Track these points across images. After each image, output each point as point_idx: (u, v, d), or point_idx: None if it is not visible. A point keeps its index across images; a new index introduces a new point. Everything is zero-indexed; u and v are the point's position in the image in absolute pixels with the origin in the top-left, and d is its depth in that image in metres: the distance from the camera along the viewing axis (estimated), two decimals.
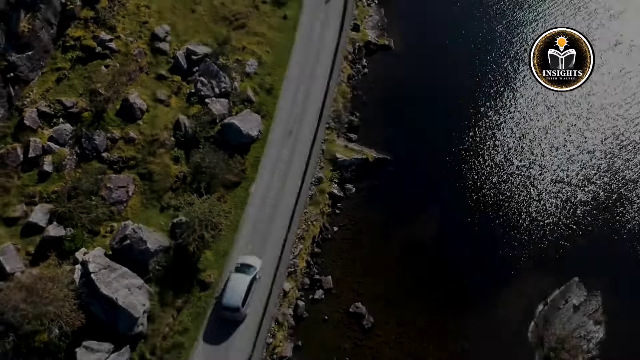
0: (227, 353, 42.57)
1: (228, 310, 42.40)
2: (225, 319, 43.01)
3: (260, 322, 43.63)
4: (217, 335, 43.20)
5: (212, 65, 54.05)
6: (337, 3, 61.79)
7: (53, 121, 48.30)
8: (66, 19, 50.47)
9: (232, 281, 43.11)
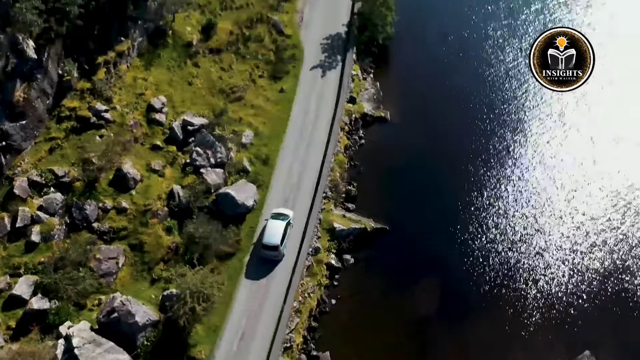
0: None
1: (268, 248, 47.67)
2: (265, 258, 47.92)
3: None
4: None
5: (208, 135, 53.80)
6: (333, 77, 62.68)
7: (44, 190, 47.27)
8: (62, 90, 50.51)
9: (270, 224, 48.34)
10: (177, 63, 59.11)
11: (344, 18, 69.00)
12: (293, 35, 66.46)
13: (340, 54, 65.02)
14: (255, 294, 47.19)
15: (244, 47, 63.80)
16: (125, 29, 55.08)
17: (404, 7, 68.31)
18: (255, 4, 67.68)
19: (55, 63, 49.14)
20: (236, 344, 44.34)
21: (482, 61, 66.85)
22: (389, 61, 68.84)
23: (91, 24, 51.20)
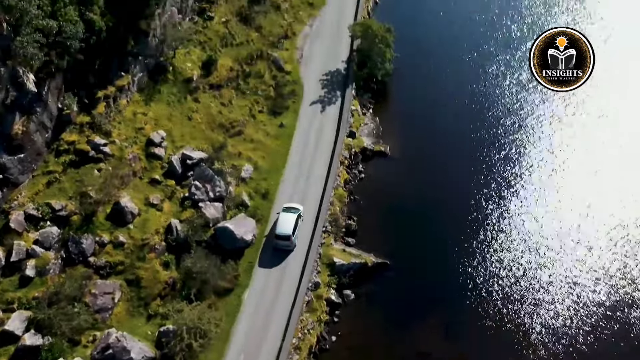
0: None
1: (281, 238, 50.02)
2: (278, 248, 50.20)
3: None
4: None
5: (207, 169, 53.51)
6: (332, 112, 62.89)
7: (40, 224, 46.58)
8: (62, 124, 50.31)
9: (282, 217, 50.71)
10: (177, 98, 59.29)
11: (343, 55, 69.74)
12: (293, 72, 67.08)
13: (340, 90, 65.44)
14: (254, 330, 46.10)
15: (244, 83, 64.28)
16: (125, 64, 55.28)
17: (402, 44, 68.98)
18: (256, 41, 68.51)
19: (55, 97, 49.07)
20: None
21: (480, 96, 67.29)
22: (388, 97, 69.15)
23: (92, 59, 51.31)
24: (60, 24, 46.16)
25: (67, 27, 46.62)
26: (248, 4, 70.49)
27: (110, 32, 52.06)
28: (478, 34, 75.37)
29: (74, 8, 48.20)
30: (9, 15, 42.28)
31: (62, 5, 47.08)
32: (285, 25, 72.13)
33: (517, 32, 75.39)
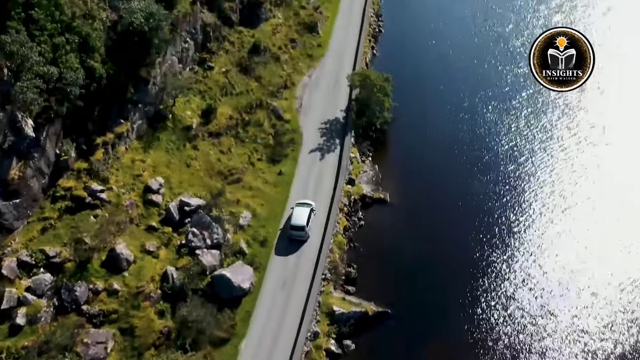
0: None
1: (296, 229, 53.61)
2: (293, 238, 53.68)
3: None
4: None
5: (205, 216, 52.86)
6: (331, 159, 62.76)
7: (33, 271, 45.55)
8: (59, 170, 49.98)
9: (296, 210, 54.74)
10: (176, 146, 59.26)
11: (342, 104, 70.31)
12: (292, 120, 67.42)
13: (339, 138, 65.56)
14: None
15: (243, 131, 64.46)
16: (125, 111, 55.46)
17: (401, 92, 69.76)
18: (255, 90, 69.12)
19: (54, 142, 48.90)
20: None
21: (479, 142, 67.56)
22: (387, 144, 69.26)
23: (91, 105, 51.49)
24: (61, 70, 46.53)
25: (68, 74, 46.95)
26: (248, 55, 71.50)
27: (111, 80, 52.52)
28: (476, 79, 76.63)
29: (75, 55, 48.73)
30: (10, 61, 42.61)
31: (64, 53, 47.56)
32: (285, 75, 73.03)
33: (513, 79, 76.81)
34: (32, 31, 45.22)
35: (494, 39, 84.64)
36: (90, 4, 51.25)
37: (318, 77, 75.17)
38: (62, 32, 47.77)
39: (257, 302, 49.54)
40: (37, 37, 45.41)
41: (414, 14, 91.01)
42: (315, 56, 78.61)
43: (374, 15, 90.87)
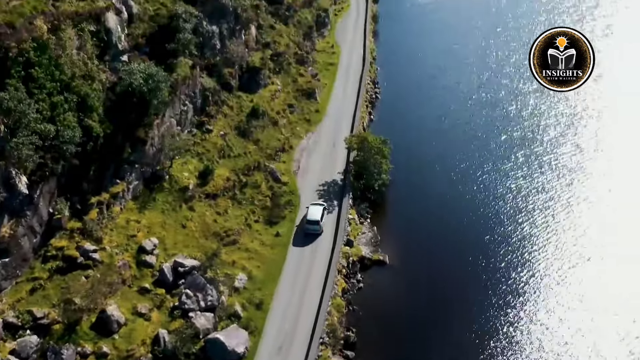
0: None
1: (312, 223, 60.02)
2: (309, 232, 59.93)
3: None
4: None
5: (199, 278, 51.48)
6: (329, 221, 61.90)
7: (19, 333, 43.70)
8: (51, 229, 48.94)
9: (311, 208, 61.70)
10: (172, 207, 58.50)
11: (339, 166, 70.35)
12: (290, 183, 67.20)
13: (337, 199, 65.04)
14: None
15: (240, 193, 64.01)
16: (121, 171, 55.02)
17: (398, 155, 70.16)
18: (253, 153, 69.23)
19: (47, 201, 48.16)
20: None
21: (478, 202, 67.36)
22: (386, 206, 68.86)
23: (87, 164, 51.06)
24: (58, 128, 46.44)
25: (65, 132, 46.86)
26: (246, 119, 72.13)
27: (108, 139, 52.46)
28: (471, 142, 77.74)
29: (73, 114, 48.83)
30: (7, 117, 42.52)
31: (62, 111, 47.66)
32: (283, 139, 73.49)
33: (507, 142, 77.98)
34: (31, 89, 45.42)
35: (487, 104, 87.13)
36: (90, 65, 51.76)
37: (316, 141, 75.70)
38: (61, 91, 48.03)
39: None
40: (36, 95, 45.57)
41: (410, 82, 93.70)
42: (313, 121, 79.57)
43: (371, 82, 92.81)
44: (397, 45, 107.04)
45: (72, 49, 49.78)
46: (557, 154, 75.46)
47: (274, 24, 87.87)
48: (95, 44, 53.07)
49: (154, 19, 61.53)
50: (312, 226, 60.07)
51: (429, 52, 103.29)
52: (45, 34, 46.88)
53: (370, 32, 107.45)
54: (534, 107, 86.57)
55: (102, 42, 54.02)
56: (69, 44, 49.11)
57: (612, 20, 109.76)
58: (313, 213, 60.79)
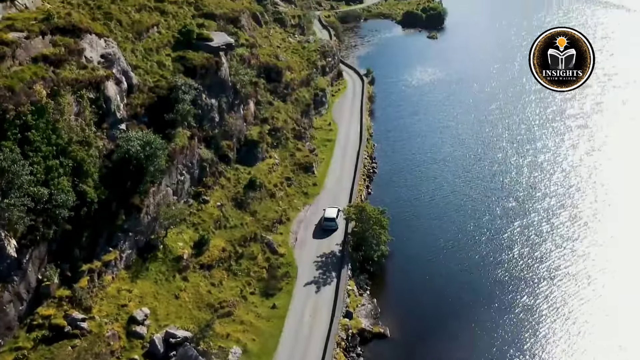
0: None
1: (329, 220, 70.43)
2: (326, 228, 70.12)
3: None
4: None
5: (191, 350, 49.17)
6: (328, 293, 60.25)
7: None
8: (39, 296, 46.91)
9: (328, 210, 72.09)
10: (166, 276, 56.79)
11: (338, 238, 69.28)
12: (287, 254, 65.97)
13: (335, 271, 63.54)
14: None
15: (236, 264, 62.62)
16: (114, 239, 53.72)
17: (397, 227, 69.68)
18: (250, 224, 68.25)
19: (36, 266, 46.52)
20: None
21: (478, 270, 66.24)
22: (386, 277, 67.23)
23: (80, 230, 49.86)
24: (51, 191, 45.65)
25: (58, 196, 46.00)
26: (244, 190, 71.64)
27: (102, 205, 51.50)
28: (467, 214, 77.88)
29: (68, 179, 48.18)
30: (0, 177, 41.83)
31: (56, 175, 47.02)
32: (280, 211, 72.83)
33: (503, 211, 77.97)
34: (27, 152, 44.97)
35: (482, 177, 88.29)
36: (87, 132, 51.64)
37: (314, 213, 75.01)
38: (56, 155, 47.59)
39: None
40: (31, 157, 45.06)
41: (407, 157, 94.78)
42: (311, 194, 79.29)
43: (368, 157, 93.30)
44: (394, 123, 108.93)
45: (71, 115, 49.84)
46: (553, 224, 75.16)
47: (272, 100, 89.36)
48: (93, 111, 53.22)
49: (153, 90, 62.24)
50: (329, 222, 70.45)
51: (425, 129, 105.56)
52: (44, 98, 46.99)
53: (366, 111, 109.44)
54: (528, 178, 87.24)
55: (101, 110, 54.21)
56: (68, 109, 49.20)
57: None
58: (330, 212, 71.35)
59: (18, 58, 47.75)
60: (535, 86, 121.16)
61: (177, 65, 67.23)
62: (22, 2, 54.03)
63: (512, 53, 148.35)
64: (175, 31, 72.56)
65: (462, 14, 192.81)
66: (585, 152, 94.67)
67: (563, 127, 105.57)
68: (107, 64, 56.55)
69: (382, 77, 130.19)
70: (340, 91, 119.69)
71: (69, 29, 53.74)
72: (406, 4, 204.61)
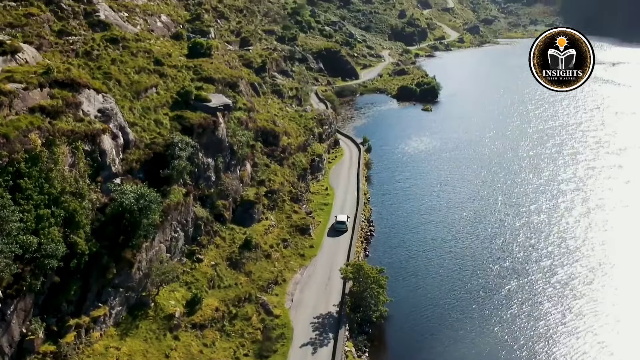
0: None
1: (340, 223, 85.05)
2: (338, 230, 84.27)
3: None
4: None
5: None
6: (324, 354, 58.05)
7: None
8: (21, 351, 44.51)
9: (339, 215, 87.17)
10: (156, 335, 54.50)
11: (335, 299, 67.52)
12: (282, 316, 64.05)
13: (332, 332, 61.46)
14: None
15: (229, 325, 60.63)
16: (104, 294, 51.94)
17: (395, 289, 68.89)
18: (245, 284, 66.60)
19: (21, 319, 44.50)
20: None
21: (476, 333, 64.21)
22: (385, 339, 65.02)
23: (68, 283, 48.19)
24: (41, 241, 44.47)
25: (48, 245, 44.77)
26: (239, 250, 70.31)
27: (93, 258, 50.12)
28: (465, 274, 76.68)
29: (59, 229, 47.10)
30: None
31: (47, 225, 45.98)
32: (276, 271, 71.33)
33: (499, 271, 77.17)
34: (18, 199, 44.19)
35: (477, 238, 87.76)
36: (81, 183, 50.91)
37: (310, 275, 73.44)
38: (48, 204, 46.72)
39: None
40: (22, 205, 44.25)
41: (404, 220, 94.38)
42: (308, 256, 77.94)
43: (366, 220, 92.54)
44: (390, 187, 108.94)
45: (65, 165, 49.37)
46: (550, 282, 74.35)
47: (269, 163, 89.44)
48: (88, 163, 52.79)
49: (149, 147, 62.13)
50: (340, 225, 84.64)
51: (421, 193, 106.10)
52: (39, 147, 46.68)
53: (363, 177, 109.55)
54: (524, 240, 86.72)
55: (96, 163, 53.80)
56: (62, 160, 48.77)
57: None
58: (341, 217, 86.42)
59: (15, 108, 47.83)
60: (529, 152, 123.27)
61: (175, 124, 67.53)
62: (22, 56, 54.76)
63: (505, 123, 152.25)
64: (173, 92, 73.41)
65: (456, 88, 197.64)
66: (580, 214, 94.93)
67: (556, 191, 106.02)
68: (104, 118, 56.72)
69: (379, 145, 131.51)
70: (337, 158, 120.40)
71: (67, 83, 54.20)
72: (401, 80, 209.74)
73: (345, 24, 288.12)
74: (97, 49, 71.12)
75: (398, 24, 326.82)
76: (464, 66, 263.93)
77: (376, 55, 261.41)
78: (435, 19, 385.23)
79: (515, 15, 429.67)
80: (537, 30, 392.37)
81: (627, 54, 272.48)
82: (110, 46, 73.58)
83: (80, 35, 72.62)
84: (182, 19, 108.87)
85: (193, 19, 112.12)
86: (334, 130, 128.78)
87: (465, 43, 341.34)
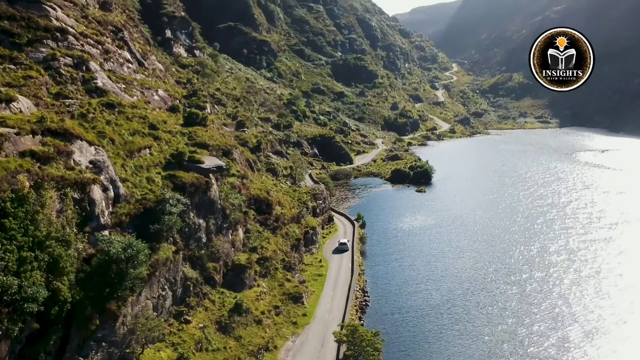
0: None
1: (341, 244, 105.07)
2: (340, 250, 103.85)
3: None
4: None
5: None
6: None
7: None
8: None
9: (341, 239, 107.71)
10: None
11: None
12: None
13: None
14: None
15: None
16: (85, 348, 49.25)
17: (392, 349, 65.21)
18: (234, 348, 64.09)
19: None
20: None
21: None
22: None
23: (47, 332, 45.85)
24: (21, 283, 42.73)
25: (29, 288, 42.97)
26: (228, 314, 67.95)
27: (76, 307, 48.03)
28: (465, 341, 74.28)
29: (42, 274, 45.44)
30: None
31: (29, 268, 44.35)
32: (267, 337, 68.84)
33: (496, 334, 74.24)
34: (1, 239, 42.90)
35: (471, 306, 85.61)
36: (68, 230, 49.69)
37: (303, 342, 70.70)
38: (32, 247, 45.34)
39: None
40: (5, 245, 42.87)
41: (399, 290, 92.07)
42: (300, 324, 75.44)
43: (360, 290, 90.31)
44: (385, 261, 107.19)
45: (52, 210, 48.36)
46: (544, 346, 72.53)
47: (261, 231, 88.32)
48: (77, 211, 51.80)
49: (140, 202, 61.37)
50: (342, 246, 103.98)
51: (417, 264, 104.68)
52: (27, 188, 45.93)
53: (358, 250, 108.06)
54: (516, 308, 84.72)
55: (85, 212, 52.79)
56: (49, 204, 47.83)
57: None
58: (342, 239, 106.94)
59: (5, 150, 47.54)
60: (521, 227, 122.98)
61: (167, 182, 67.13)
62: (17, 106, 55.15)
63: (498, 201, 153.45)
64: (167, 154, 73.60)
65: (449, 171, 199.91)
66: (571, 282, 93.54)
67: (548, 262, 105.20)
68: (95, 170, 56.30)
69: (373, 223, 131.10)
70: (331, 233, 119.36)
71: (60, 132, 54.25)
72: (394, 164, 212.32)
73: (339, 114, 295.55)
74: (93, 112, 71.74)
75: (391, 115, 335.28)
76: (456, 153, 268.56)
77: (370, 142, 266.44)
78: (426, 111, 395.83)
79: (504, 108, 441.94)
80: (526, 122, 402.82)
81: (615, 142, 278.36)
82: (106, 110, 74.41)
83: (77, 99, 73.58)
84: (179, 94, 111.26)
85: (190, 95, 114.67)
86: (327, 206, 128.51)
87: (456, 133, 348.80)
